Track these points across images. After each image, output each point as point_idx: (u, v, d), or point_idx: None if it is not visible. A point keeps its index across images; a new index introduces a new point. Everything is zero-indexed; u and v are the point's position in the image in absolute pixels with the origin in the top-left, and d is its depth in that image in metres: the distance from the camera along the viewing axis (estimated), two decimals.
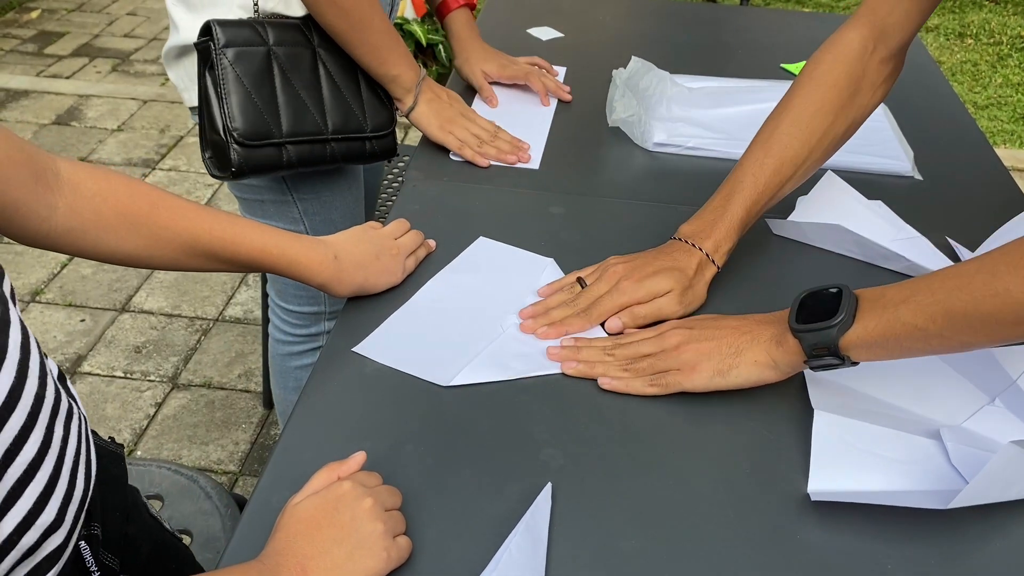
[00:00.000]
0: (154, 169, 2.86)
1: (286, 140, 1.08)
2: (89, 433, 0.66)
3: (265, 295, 1.88)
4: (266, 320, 1.90)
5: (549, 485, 0.71)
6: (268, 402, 2.02)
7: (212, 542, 1.02)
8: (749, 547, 0.68)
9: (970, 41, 4.10)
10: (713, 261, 0.92)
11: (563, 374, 0.83)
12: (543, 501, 0.70)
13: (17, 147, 0.66)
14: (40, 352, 0.58)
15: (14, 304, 0.56)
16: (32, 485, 0.55)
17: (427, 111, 1.16)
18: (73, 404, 0.63)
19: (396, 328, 0.88)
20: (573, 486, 0.72)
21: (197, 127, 1.12)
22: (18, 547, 0.55)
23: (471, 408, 0.79)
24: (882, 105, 1.34)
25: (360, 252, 0.90)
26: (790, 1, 4.52)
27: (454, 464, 0.74)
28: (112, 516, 0.70)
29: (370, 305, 0.91)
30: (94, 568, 0.65)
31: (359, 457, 0.68)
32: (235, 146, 1.05)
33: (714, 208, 0.93)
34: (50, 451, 0.57)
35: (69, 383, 0.66)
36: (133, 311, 2.28)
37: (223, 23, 1.04)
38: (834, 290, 0.75)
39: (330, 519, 0.62)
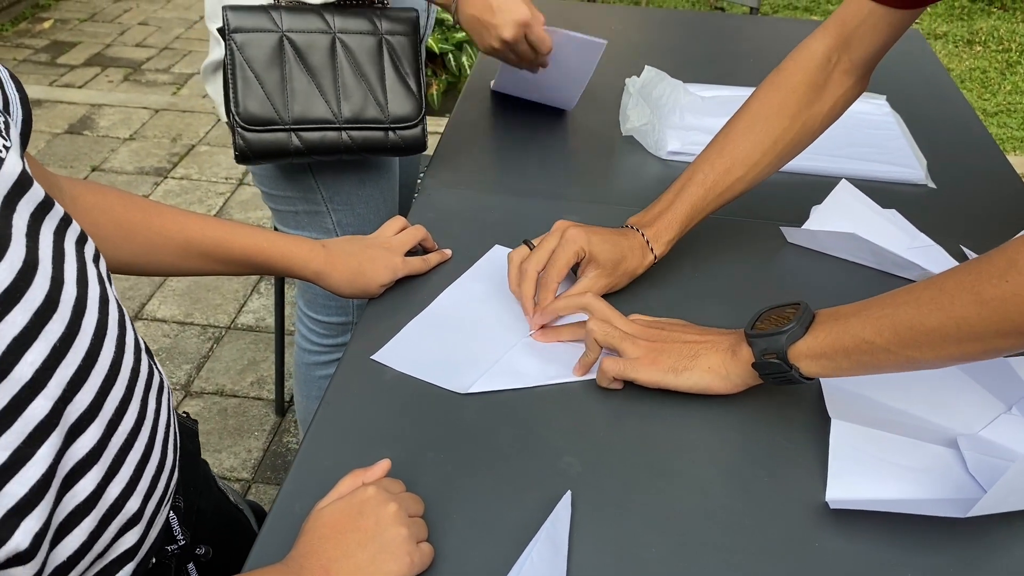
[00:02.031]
0: (166, 178, 2.87)
1: (294, 127, 1.07)
2: (173, 406, 0.69)
3: (280, 303, 1.89)
4: (280, 328, 1.92)
5: (569, 493, 0.72)
6: (281, 409, 2.03)
7: None
8: (768, 555, 0.68)
9: (979, 48, 4.10)
10: (652, 249, 0.94)
11: (581, 383, 0.84)
12: (563, 509, 0.70)
13: (38, 164, 0.68)
14: (133, 328, 0.61)
15: (110, 283, 0.60)
16: (132, 453, 0.58)
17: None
18: (163, 378, 0.65)
19: (414, 336, 0.88)
20: (592, 494, 0.73)
21: (210, 135, 1.13)
22: (123, 512, 0.58)
23: (489, 416, 0.80)
24: (894, 113, 1.35)
25: (348, 243, 0.94)
26: (798, 9, 4.53)
27: (474, 471, 0.74)
28: (188, 490, 0.72)
29: (388, 313, 0.92)
30: (181, 538, 0.69)
31: (384, 464, 0.69)
32: (240, 130, 1.06)
33: (663, 202, 0.96)
34: (146, 422, 0.60)
35: (155, 359, 0.68)
36: (146, 319, 2.30)
37: (235, 8, 1.05)
38: (791, 304, 0.77)
39: (354, 523, 0.62)
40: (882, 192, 1.13)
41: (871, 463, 0.76)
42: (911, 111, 1.36)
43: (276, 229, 1.29)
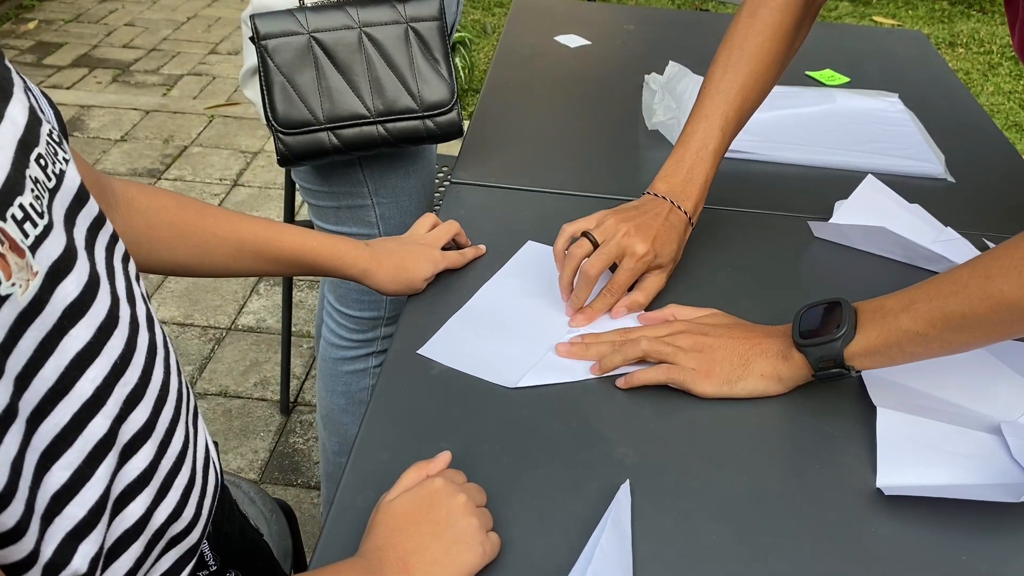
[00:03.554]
0: (159, 179, 2.85)
1: (329, 126, 1.08)
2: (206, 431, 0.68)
3: (287, 303, 1.88)
4: (287, 328, 1.91)
5: (627, 482, 0.72)
6: (286, 409, 2.02)
7: None
8: (826, 540, 0.69)
9: (961, 50, 4.16)
10: (693, 224, 0.95)
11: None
12: (623, 497, 0.71)
13: (89, 169, 0.67)
14: (174, 349, 0.60)
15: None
16: (179, 477, 0.57)
17: None
18: (196, 403, 0.65)
19: (458, 330, 0.89)
20: (649, 483, 0.73)
21: (203, 136, 1.13)
22: (167, 536, 0.57)
23: (540, 409, 0.80)
24: (907, 110, 1.37)
25: (388, 241, 0.95)
26: None
27: (530, 463, 0.75)
28: (216, 514, 0.71)
29: (428, 309, 0.92)
30: (213, 564, 0.68)
31: (446, 456, 0.69)
32: (279, 135, 1.07)
33: (688, 167, 0.96)
34: (190, 444, 0.59)
35: None
36: None
37: (262, 15, 1.05)
38: (830, 302, 0.79)
39: (426, 515, 0.62)
40: (902, 186, 1.14)
41: (918, 450, 0.77)
42: (922, 109, 1.38)
43: (312, 225, 1.29)
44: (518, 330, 0.89)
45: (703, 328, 0.85)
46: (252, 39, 1.06)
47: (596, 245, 0.90)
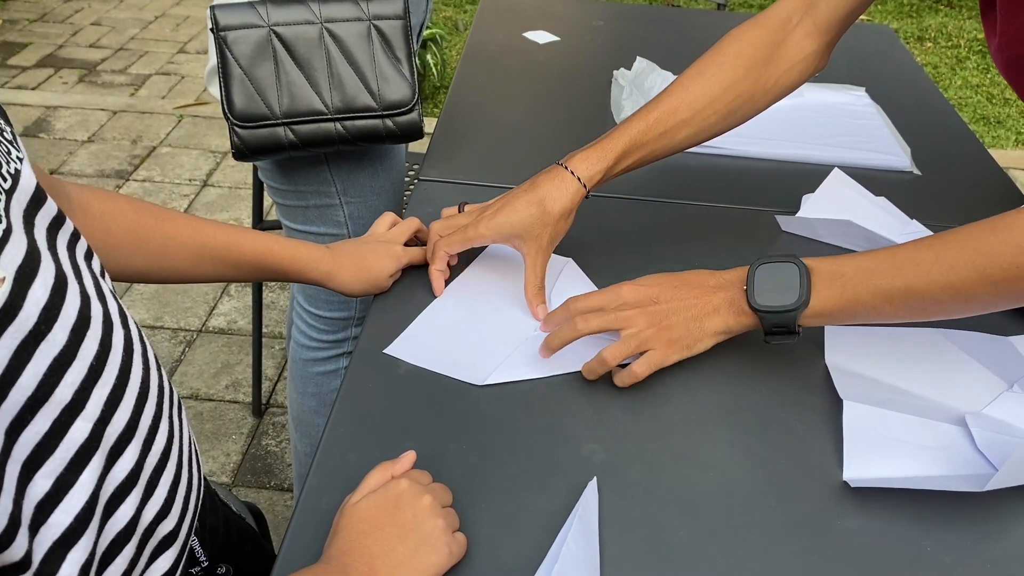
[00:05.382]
0: (128, 180, 2.81)
1: (285, 120, 1.07)
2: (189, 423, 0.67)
3: (257, 304, 1.86)
4: (258, 330, 1.89)
5: (595, 480, 0.72)
6: (258, 411, 2.00)
7: None
8: (793, 534, 0.69)
9: (929, 44, 4.20)
10: (578, 177, 0.90)
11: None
12: (590, 495, 0.70)
13: (41, 173, 0.66)
14: (150, 344, 0.60)
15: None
16: (165, 474, 0.57)
17: None
18: (177, 395, 0.64)
19: (425, 329, 0.88)
20: (617, 481, 0.73)
21: (172, 136, 1.11)
22: (158, 535, 0.57)
23: (508, 406, 0.80)
24: (874, 104, 1.37)
25: (348, 242, 0.94)
26: (753, 7, 4.60)
27: (497, 461, 0.74)
28: (201, 510, 0.71)
29: (395, 307, 0.91)
30: (204, 559, 0.68)
31: (410, 456, 0.69)
32: (235, 128, 1.06)
33: (599, 138, 0.93)
34: (174, 440, 0.59)
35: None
36: None
37: (222, 7, 1.04)
38: (785, 262, 0.78)
39: (392, 517, 0.62)
40: (869, 179, 1.15)
41: (884, 442, 0.77)
42: (888, 103, 1.39)
43: (280, 224, 1.27)
44: (485, 327, 0.89)
45: (650, 294, 0.82)
46: (212, 30, 1.05)
47: None
